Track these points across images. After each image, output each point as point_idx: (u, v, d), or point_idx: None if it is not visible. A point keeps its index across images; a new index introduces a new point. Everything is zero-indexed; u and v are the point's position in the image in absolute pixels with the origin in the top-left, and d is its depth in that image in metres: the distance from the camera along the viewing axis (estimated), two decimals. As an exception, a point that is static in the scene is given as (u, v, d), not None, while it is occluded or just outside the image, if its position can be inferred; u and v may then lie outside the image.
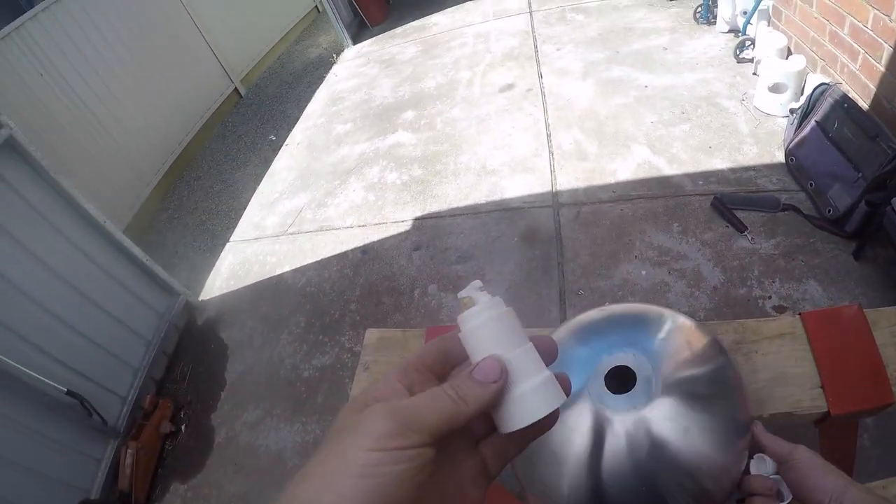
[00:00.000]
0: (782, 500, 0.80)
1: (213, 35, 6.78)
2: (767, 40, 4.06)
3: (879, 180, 2.79)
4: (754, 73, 4.18)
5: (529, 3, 6.93)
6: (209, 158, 5.91)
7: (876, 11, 3.13)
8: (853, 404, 1.09)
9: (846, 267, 2.85)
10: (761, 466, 0.85)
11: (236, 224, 4.65)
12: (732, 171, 3.56)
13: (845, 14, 3.44)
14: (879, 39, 3.13)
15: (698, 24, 5.24)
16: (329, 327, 3.51)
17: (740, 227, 3.14)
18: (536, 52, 5.62)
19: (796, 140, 3.37)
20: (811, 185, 3.20)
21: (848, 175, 2.97)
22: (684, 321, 0.97)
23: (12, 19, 4.38)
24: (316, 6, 9.73)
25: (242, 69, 7.36)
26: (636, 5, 6.05)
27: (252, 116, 6.56)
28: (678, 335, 0.92)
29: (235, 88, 7.10)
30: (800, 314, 1.22)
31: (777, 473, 0.84)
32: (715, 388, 0.87)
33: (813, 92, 3.40)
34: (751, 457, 0.86)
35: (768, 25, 4.43)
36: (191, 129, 6.13)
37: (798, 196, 3.26)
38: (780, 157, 3.54)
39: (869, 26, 3.22)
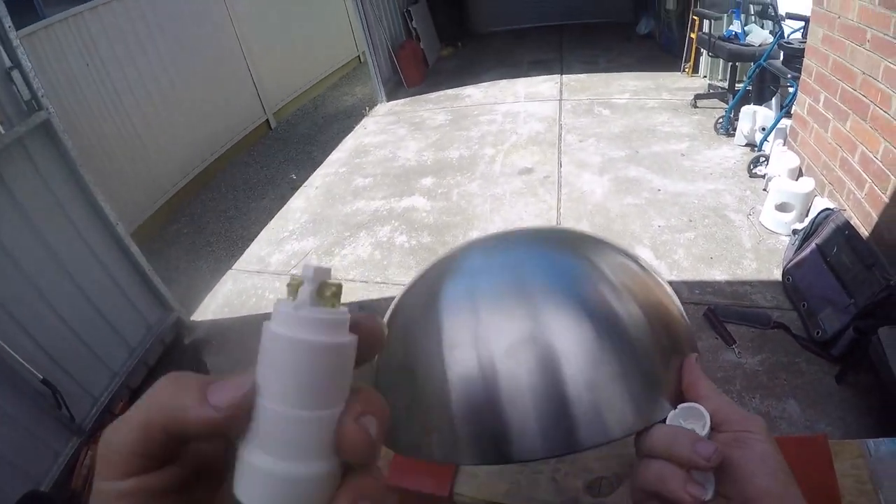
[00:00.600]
0: (702, 495, 0.49)
1: (257, 63, 7.02)
2: (781, 159, 4.19)
3: (870, 308, 2.86)
4: (764, 190, 4.29)
5: (561, 91, 7.19)
6: (228, 182, 6.02)
7: (887, 144, 3.26)
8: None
9: (828, 390, 2.88)
10: (688, 420, 0.55)
11: (242, 253, 4.72)
12: (729, 283, 3.64)
13: (858, 143, 3.58)
14: (887, 171, 3.25)
15: (718, 134, 5.42)
16: None
17: (729, 341, 3.20)
18: (560, 140, 5.79)
19: (795, 260, 3.45)
20: (804, 305, 3.26)
21: (840, 300, 3.04)
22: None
23: (73, 5, 4.59)
24: (359, 56, 10.08)
25: (277, 102, 7.58)
26: (661, 108, 6.26)
27: (278, 151, 6.72)
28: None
29: (267, 120, 7.32)
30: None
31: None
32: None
33: (817, 216, 3.50)
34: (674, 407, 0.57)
35: (784, 144, 4.57)
36: (217, 149, 6.29)
37: (790, 315, 3.32)
38: (777, 275, 3.62)
39: (879, 157, 3.34)
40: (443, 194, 5.09)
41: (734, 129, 5.28)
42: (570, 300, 0.68)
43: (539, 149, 5.65)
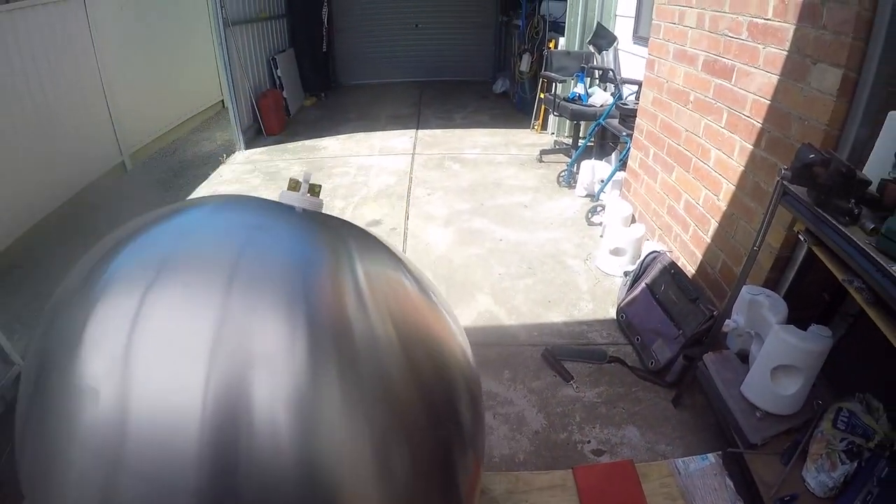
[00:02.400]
0: None
1: (117, 100, 6.66)
2: (615, 208, 4.43)
3: (696, 337, 3.06)
4: (601, 236, 4.51)
5: (414, 145, 7.33)
6: (78, 226, 5.64)
7: (707, 191, 3.52)
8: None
9: (665, 413, 3.01)
10: None
11: None
12: (567, 324, 3.76)
13: (682, 191, 3.85)
14: (708, 215, 3.51)
15: (560, 186, 5.68)
16: None
17: (567, 377, 3.29)
18: (409, 193, 5.87)
19: (627, 299, 3.64)
20: (637, 339, 3.43)
21: (670, 332, 3.23)
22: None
23: None
24: (223, 101, 9.85)
25: (135, 144, 7.20)
26: (509, 163, 6.51)
27: (131, 195, 6.36)
28: None
29: (123, 161, 6.92)
30: (572, 469, 1.32)
31: None
32: None
33: (645, 257, 3.73)
34: None
35: (619, 195, 4.83)
36: (69, 190, 5.85)
37: (625, 349, 3.47)
38: (612, 313, 3.78)
39: (700, 203, 3.61)
40: (293, 244, 5.04)
41: (575, 182, 5.56)
42: (287, 293, 0.52)
43: (388, 201, 5.70)
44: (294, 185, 1.20)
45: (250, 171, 6.75)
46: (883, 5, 2.27)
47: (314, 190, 1.22)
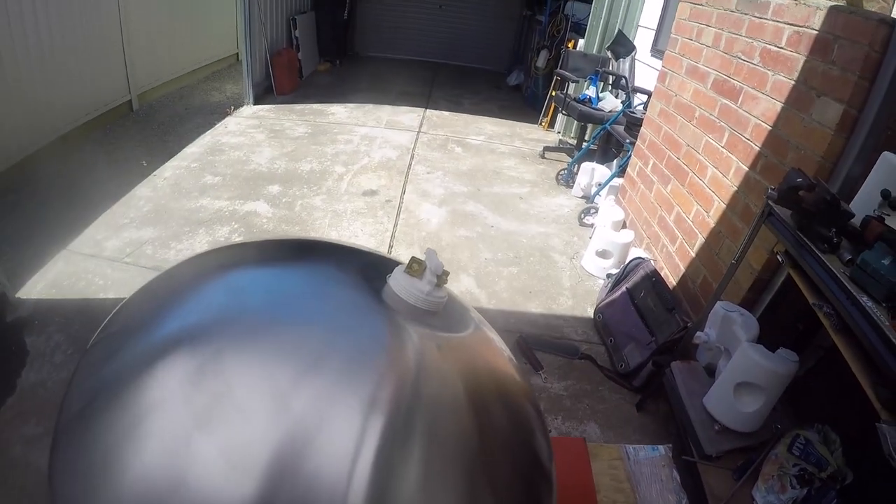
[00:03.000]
0: None
1: (133, 40, 6.65)
2: (608, 212, 4.49)
3: (668, 346, 3.14)
4: (590, 237, 4.57)
5: (421, 124, 7.39)
6: (78, 157, 5.60)
7: (699, 207, 3.60)
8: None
9: (627, 416, 3.09)
10: None
11: (79, 234, 4.46)
12: (544, 316, 3.83)
13: (675, 204, 3.92)
14: (696, 230, 3.59)
15: (558, 184, 5.76)
16: None
17: (537, 367, 3.36)
18: (409, 169, 5.93)
19: (607, 301, 3.71)
20: (611, 341, 3.51)
21: (643, 338, 3.30)
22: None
23: None
24: (237, 55, 9.89)
25: (144, 84, 7.19)
26: (511, 154, 6.58)
27: (134, 134, 6.40)
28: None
29: (130, 100, 6.92)
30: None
31: None
32: None
33: (629, 263, 3.80)
34: None
35: (614, 200, 4.91)
36: (73, 121, 5.84)
37: (598, 349, 3.54)
38: (590, 312, 3.86)
39: (691, 218, 3.68)
40: (286, 203, 5.06)
41: (573, 182, 5.63)
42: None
43: (388, 174, 5.75)
44: (416, 269, 0.79)
45: (255, 127, 6.79)
46: (893, 48, 2.34)
47: (441, 280, 0.84)
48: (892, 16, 2.58)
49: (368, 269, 0.75)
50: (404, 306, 0.65)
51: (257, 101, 7.67)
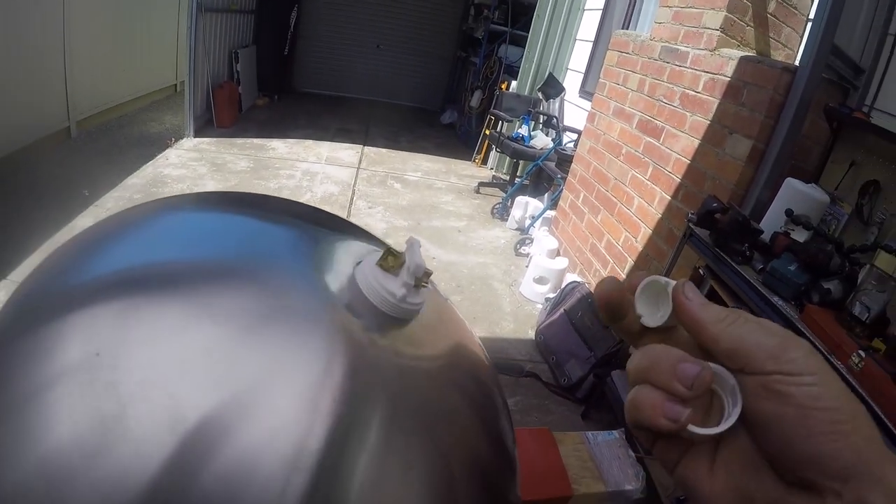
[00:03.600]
0: (678, 415, 0.36)
1: (75, 61, 6.54)
2: (542, 242, 4.78)
3: (606, 359, 3.42)
4: (527, 266, 4.84)
5: (360, 161, 7.59)
6: (14, 184, 5.52)
7: (627, 234, 3.95)
8: (541, 493, 1.51)
9: (574, 425, 3.30)
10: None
11: (19, 263, 4.36)
12: (488, 339, 4.02)
13: (605, 232, 4.26)
14: (626, 254, 3.93)
15: (493, 217, 6.05)
16: None
17: (484, 384, 3.59)
18: (351, 204, 6.11)
19: (546, 322, 3.97)
20: (553, 359, 3.75)
21: (583, 353, 3.57)
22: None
23: None
24: (176, 85, 9.90)
25: (84, 111, 7.04)
26: (448, 190, 6.87)
27: (74, 162, 6.30)
28: None
29: (69, 127, 6.76)
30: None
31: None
32: None
33: (565, 287, 4.09)
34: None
35: (547, 230, 5.22)
36: (11, 145, 5.71)
37: (541, 367, 3.77)
38: (531, 335, 4.10)
39: (620, 244, 4.02)
40: (231, 235, 5.14)
41: (508, 215, 5.94)
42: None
43: (330, 209, 5.70)
44: (390, 264, 0.48)
45: (197, 160, 6.79)
46: (794, 93, 2.71)
47: (419, 282, 0.49)
48: (794, 63, 2.95)
49: (329, 240, 0.56)
50: (367, 308, 0.45)
51: (198, 134, 7.66)
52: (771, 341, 0.35)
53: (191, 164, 6.62)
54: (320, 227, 0.61)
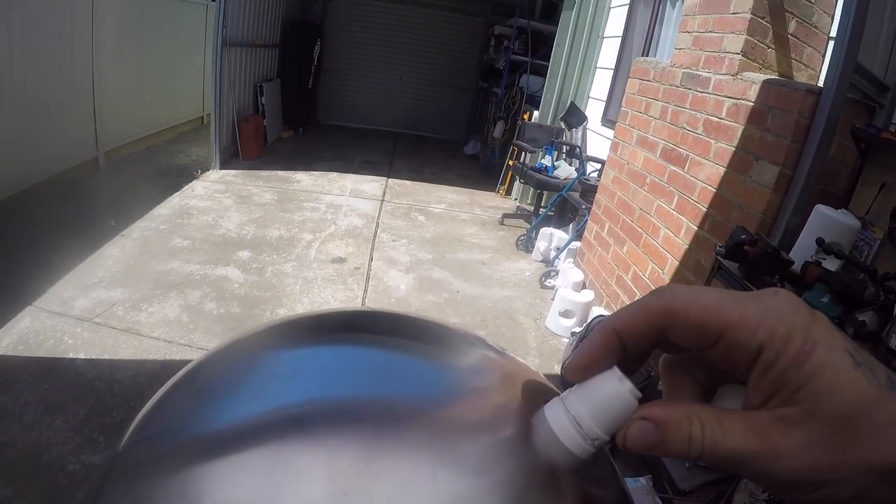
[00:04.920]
0: None
1: (104, 93, 6.70)
2: (568, 274, 4.70)
3: (634, 396, 3.32)
4: (552, 299, 4.76)
5: (384, 193, 7.61)
6: (43, 212, 5.62)
7: (654, 265, 3.86)
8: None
9: None
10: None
11: (45, 291, 4.44)
12: (514, 375, 3.97)
13: (631, 264, 4.17)
14: (652, 286, 3.79)
15: (518, 249, 5.98)
16: (108, 428, 3.31)
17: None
18: (375, 237, 6.09)
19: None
20: (576, 396, 3.67)
21: (608, 391, 3.48)
22: None
23: None
24: (203, 117, 10.05)
25: (112, 142, 7.20)
26: (472, 221, 6.83)
27: (101, 192, 6.41)
28: None
29: (97, 157, 6.92)
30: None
31: None
32: None
33: (592, 320, 4.00)
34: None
35: (573, 262, 5.14)
36: (39, 174, 5.84)
37: (564, 403, 3.70)
38: (557, 370, 4.01)
39: (647, 276, 3.93)
40: (257, 269, 5.15)
41: (532, 247, 5.87)
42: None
43: (354, 241, 5.89)
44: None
45: (223, 192, 6.88)
46: (820, 115, 2.62)
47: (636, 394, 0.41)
48: (818, 85, 2.87)
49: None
50: (559, 452, 0.39)
51: (223, 166, 7.77)
52: (748, 471, 0.33)
53: (217, 196, 6.69)
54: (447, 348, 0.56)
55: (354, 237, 6.03)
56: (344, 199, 7.19)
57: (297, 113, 10.55)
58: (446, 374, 0.50)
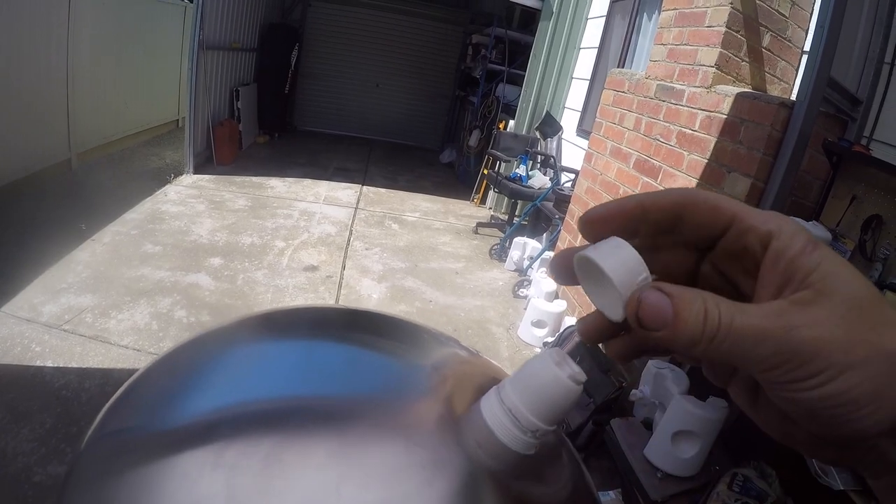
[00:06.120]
0: None
1: (78, 94, 6.61)
2: (541, 284, 4.71)
3: (605, 405, 3.32)
4: (525, 309, 4.76)
5: (358, 200, 7.57)
6: (12, 214, 5.53)
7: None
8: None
9: None
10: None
11: (13, 296, 4.35)
12: (485, 385, 3.95)
13: (601, 276, 4.17)
14: (621, 301, 3.83)
15: (491, 258, 5.99)
16: (75, 438, 3.22)
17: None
18: (348, 245, 6.05)
19: (543, 367, 3.89)
20: (548, 406, 3.68)
21: (582, 400, 3.47)
22: None
23: None
24: (177, 121, 9.93)
25: (85, 144, 7.07)
26: (446, 230, 6.82)
27: (73, 195, 6.31)
28: None
29: (70, 159, 6.79)
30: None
31: None
32: None
33: (564, 330, 4.01)
34: None
35: (546, 272, 5.14)
36: (11, 175, 5.73)
37: (536, 415, 3.70)
38: (528, 380, 4.02)
39: (616, 289, 3.93)
40: (228, 277, 5.09)
41: (506, 256, 5.88)
42: None
43: (327, 250, 5.85)
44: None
45: (196, 196, 6.81)
46: (792, 129, 2.65)
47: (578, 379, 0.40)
48: (791, 98, 2.90)
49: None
50: (495, 448, 0.38)
51: (197, 171, 7.69)
52: (764, 350, 0.32)
53: (189, 202, 6.63)
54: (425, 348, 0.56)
55: (327, 245, 6.00)
56: (318, 206, 7.14)
57: (273, 118, 10.48)
58: (393, 370, 0.50)
